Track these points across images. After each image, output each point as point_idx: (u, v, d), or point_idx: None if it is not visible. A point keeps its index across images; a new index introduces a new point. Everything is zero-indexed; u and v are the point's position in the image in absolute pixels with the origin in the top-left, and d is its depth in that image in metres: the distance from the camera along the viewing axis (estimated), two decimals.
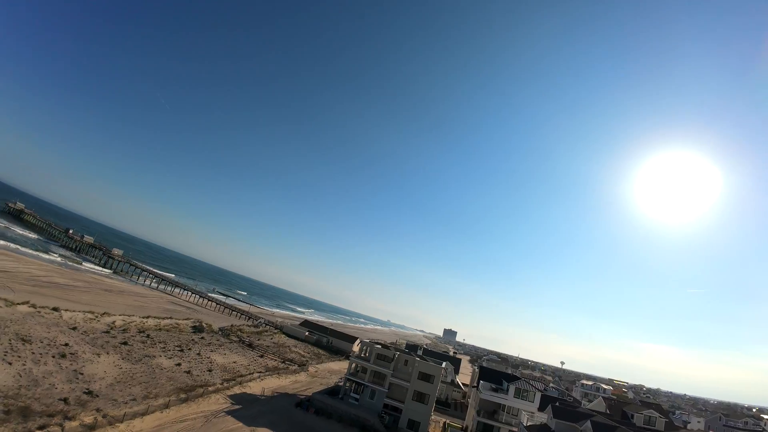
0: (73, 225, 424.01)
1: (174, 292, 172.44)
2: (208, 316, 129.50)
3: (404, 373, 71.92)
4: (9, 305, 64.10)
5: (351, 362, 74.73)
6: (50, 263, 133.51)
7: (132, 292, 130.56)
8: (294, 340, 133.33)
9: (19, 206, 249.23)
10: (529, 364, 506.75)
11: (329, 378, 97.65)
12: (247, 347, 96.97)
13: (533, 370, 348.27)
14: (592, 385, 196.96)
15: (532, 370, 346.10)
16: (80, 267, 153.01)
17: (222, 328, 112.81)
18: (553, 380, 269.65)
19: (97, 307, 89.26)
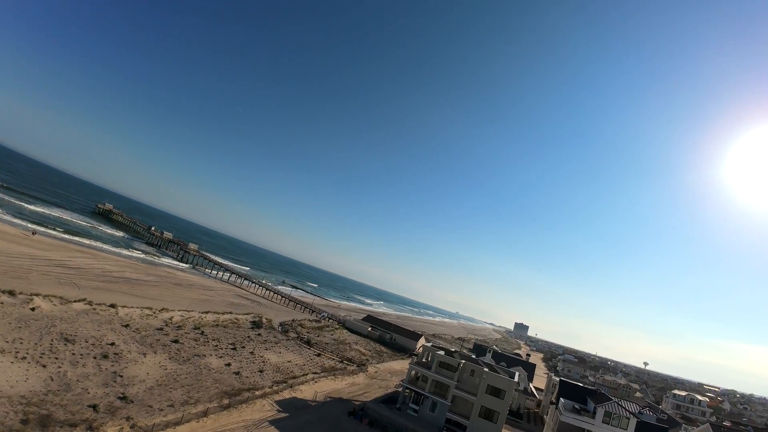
0: (162, 222, 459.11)
1: (243, 284, 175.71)
2: (271, 310, 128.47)
3: (470, 385, 62.69)
4: (64, 303, 63.93)
5: (410, 369, 66.76)
6: (128, 259, 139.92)
7: (201, 286, 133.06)
8: (356, 336, 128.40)
9: (108, 207, 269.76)
10: (609, 365, 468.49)
11: (389, 380, 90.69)
12: (305, 345, 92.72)
13: (615, 373, 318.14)
14: (686, 396, 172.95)
15: (614, 373, 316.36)
16: (157, 262, 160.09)
17: (282, 323, 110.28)
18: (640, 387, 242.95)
19: (159, 302, 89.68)
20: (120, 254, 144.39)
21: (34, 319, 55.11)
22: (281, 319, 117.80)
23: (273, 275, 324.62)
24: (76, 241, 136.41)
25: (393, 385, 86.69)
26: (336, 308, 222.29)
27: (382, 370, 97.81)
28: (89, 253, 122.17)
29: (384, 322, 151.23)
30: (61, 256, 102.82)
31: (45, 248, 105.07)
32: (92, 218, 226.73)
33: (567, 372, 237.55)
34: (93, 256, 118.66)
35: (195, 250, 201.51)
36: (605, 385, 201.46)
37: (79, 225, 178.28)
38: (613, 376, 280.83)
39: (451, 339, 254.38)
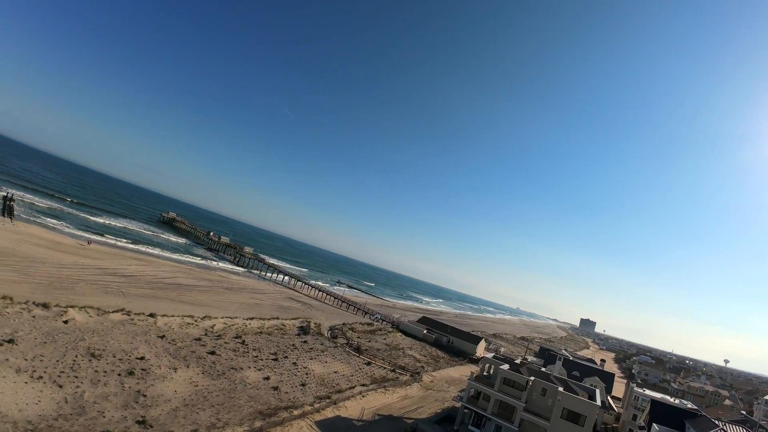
0: (224, 227, 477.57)
1: (296, 286, 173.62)
2: (322, 313, 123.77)
3: (542, 406, 52.69)
4: (101, 314, 61.46)
5: (469, 387, 57.71)
6: (184, 264, 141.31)
7: (252, 289, 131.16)
8: (410, 340, 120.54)
9: (171, 215, 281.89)
10: (688, 365, 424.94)
11: (446, 391, 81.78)
12: (354, 352, 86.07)
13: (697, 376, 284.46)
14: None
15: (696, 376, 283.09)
16: (213, 266, 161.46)
17: (332, 328, 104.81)
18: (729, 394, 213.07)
19: (205, 309, 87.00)
20: (177, 260, 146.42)
21: (63, 333, 52.37)
22: (331, 322, 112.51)
23: (329, 275, 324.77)
24: (134, 249, 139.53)
25: (450, 397, 77.80)
26: (391, 308, 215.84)
27: (439, 379, 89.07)
28: (145, 260, 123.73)
29: (440, 324, 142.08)
30: (115, 265, 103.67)
31: (100, 257, 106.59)
32: (157, 227, 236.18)
33: (644, 376, 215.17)
34: (148, 263, 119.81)
35: (250, 253, 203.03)
36: (691, 393, 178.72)
37: (141, 234, 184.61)
38: (696, 379, 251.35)
39: (513, 339, 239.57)
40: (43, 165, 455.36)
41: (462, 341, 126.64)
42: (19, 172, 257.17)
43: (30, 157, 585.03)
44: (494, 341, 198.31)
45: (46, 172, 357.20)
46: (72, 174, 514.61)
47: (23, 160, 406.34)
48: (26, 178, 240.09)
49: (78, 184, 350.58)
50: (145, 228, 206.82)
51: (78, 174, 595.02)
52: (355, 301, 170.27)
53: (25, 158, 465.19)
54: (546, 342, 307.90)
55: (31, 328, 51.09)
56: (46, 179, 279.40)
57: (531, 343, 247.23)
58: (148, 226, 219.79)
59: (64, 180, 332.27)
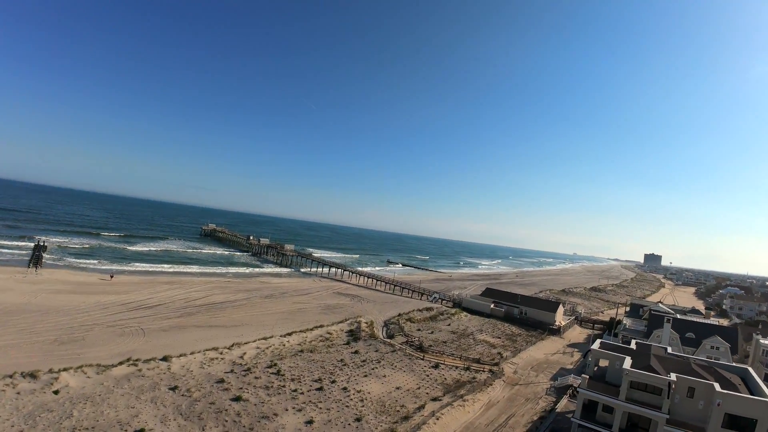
0: (269, 227, 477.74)
1: (344, 276, 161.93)
2: (374, 305, 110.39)
3: (691, 414, 36.01)
4: (101, 371, 49.99)
5: (581, 397, 41.52)
6: (221, 277, 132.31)
7: (295, 291, 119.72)
8: (477, 319, 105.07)
9: (211, 227, 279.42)
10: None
11: (535, 382, 65.73)
12: (416, 352, 71.48)
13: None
14: None
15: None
16: (254, 273, 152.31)
17: (387, 323, 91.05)
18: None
19: (237, 330, 75.46)
20: (214, 274, 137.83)
21: (48, 411, 40.86)
22: (385, 315, 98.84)
23: (379, 256, 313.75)
24: (168, 272, 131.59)
25: (543, 390, 61.97)
26: (448, 281, 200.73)
27: (522, 366, 73.00)
28: (178, 282, 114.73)
29: (508, 294, 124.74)
30: (141, 296, 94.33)
31: (126, 290, 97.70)
32: (198, 241, 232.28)
33: (738, 311, 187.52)
34: (181, 285, 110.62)
35: (292, 251, 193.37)
36: None
37: (180, 253, 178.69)
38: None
39: (585, 293, 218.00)
40: (89, 205, 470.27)
41: (537, 311, 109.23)
42: (61, 217, 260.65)
43: (78, 200, 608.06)
44: (567, 299, 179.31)
45: (90, 211, 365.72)
46: (116, 207, 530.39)
47: (68, 205, 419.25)
48: (68, 221, 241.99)
49: (121, 216, 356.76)
50: (186, 246, 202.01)
51: (122, 206, 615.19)
52: (408, 282, 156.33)
53: (71, 203, 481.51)
54: (619, 288, 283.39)
55: (10, 412, 39.94)
56: (88, 219, 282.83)
57: (605, 294, 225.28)
58: (190, 243, 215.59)
59: (107, 215, 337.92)
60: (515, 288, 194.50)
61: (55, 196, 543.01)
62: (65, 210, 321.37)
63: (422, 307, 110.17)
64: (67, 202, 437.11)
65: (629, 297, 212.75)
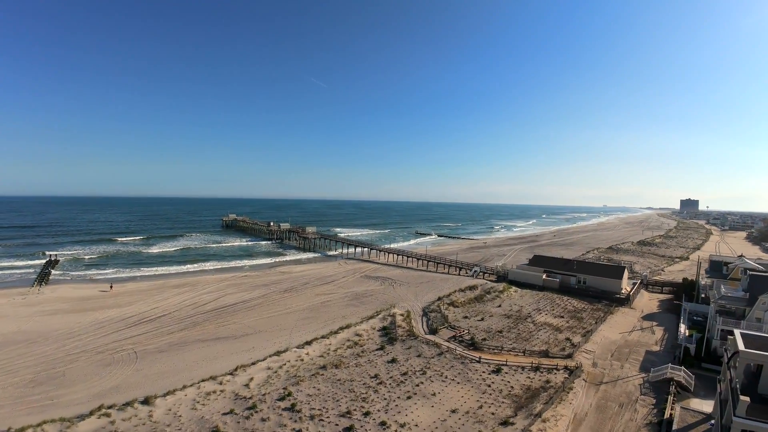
0: (295, 211, 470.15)
1: (371, 255, 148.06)
2: (408, 288, 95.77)
3: None
4: (68, 427, 37.37)
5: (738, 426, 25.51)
6: (238, 272, 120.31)
7: (318, 279, 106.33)
8: (530, 294, 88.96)
9: (231, 216, 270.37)
10: None
11: (625, 378, 49.12)
12: (469, 351, 56.21)
13: None
14: None
15: None
16: (273, 262, 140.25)
17: (426, 311, 76.21)
18: None
19: (248, 341, 62.49)
20: (230, 269, 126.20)
21: None
22: (423, 301, 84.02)
23: (406, 228, 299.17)
24: (180, 273, 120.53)
25: (636, 389, 46.09)
26: (484, 248, 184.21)
27: (600, 355, 56.66)
28: (189, 283, 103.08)
29: (561, 261, 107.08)
30: (144, 307, 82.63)
31: (128, 302, 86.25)
32: (220, 234, 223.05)
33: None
34: (192, 287, 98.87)
35: (314, 233, 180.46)
36: None
37: (198, 249, 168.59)
38: None
39: (633, 248, 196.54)
40: (115, 210, 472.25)
41: (598, 278, 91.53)
42: (83, 227, 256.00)
43: (105, 207, 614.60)
44: (619, 258, 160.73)
45: (115, 216, 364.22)
46: (141, 209, 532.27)
47: (94, 213, 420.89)
48: (89, 230, 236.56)
49: (145, 217, 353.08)
50: (206, 240, 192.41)
51: (147, 207, 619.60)
52: (441, 255, 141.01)
53: (97, 211, 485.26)
54: (667, 239, 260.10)
55: None
56: (110, 225, 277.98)
57: (655, 247, 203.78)
58: (211, 237, 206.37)
59: (130, 218, 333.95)
60: (558, 250, 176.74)
61: (82, 206, 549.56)
62: (89, 218, 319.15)
63: (464, 285, 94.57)
64: (94, 210, 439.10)
65: (683, 249, 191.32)
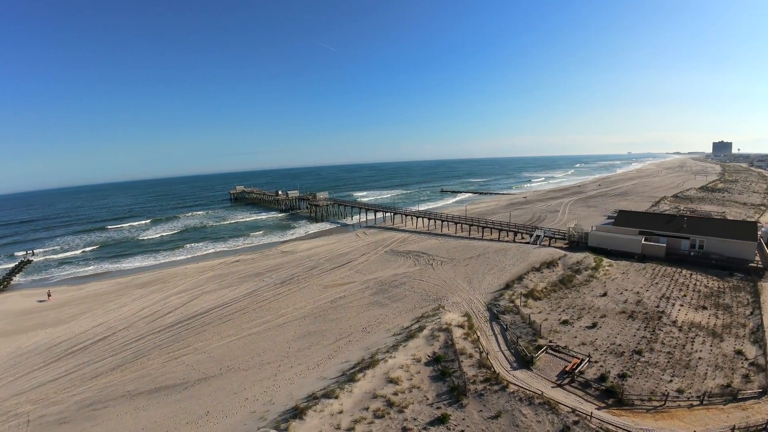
0: (311, 179, 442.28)
1: (394, 222, 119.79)
2: (453, 268, 66.86)
3: None
4: None
5: None
6: (231, 255, 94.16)
7: (330, 261, 78.73)
8: (631, 267, 59.11)
9: (239, 189, 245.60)
10: None
11: None
12: (614, 412, 27.62)
13: None
14: None
15: None
16: (276, 239, 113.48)
17: (494, 311, 47.56)
18: None
19: (209, 391, 35.65)
20: (222, 253, 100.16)
21: None
22: (483, 290, 55.28)
23: (429, 186, 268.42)
24: (158, 264, 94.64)
25: None
26: (527, 203, 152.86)
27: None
28: (161, 279, 77.10)
29: (663, 218, 74.71)
30: (86, 324, 56.99)
31: (69, 315, 60.80)
32: (227, 209, 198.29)
33: None
34: (163, 284, 73.00)
35: (325, 200, 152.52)
36: None
37: (198, 230, 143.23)
38: None
39: (699, 194, 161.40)
40: (129, 194, 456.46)
41: (720, 240, 59.82)
42: (81, 215, 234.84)
43: (121, 191, 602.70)
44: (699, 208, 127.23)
45: (123, 200, 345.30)
46: (153, 190, 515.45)
47: (105, 198, 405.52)
48: (84, 219, 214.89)
49: (154, 198, 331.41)
50: (209, 218, 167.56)
51: (160, 186, 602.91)
52: (483, 216, 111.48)
53: (112, 196, 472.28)
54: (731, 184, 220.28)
55: None
56: (111, 211, 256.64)
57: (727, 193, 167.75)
58: (216, 213, 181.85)
59: (136, 201, 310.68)
60: (615, 201, 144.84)
61: (94, 194, 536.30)
62: (93, 205, 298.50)
63: (534, 260, 64.84)
64: (101, 197, 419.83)
65: (758, 195, 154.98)
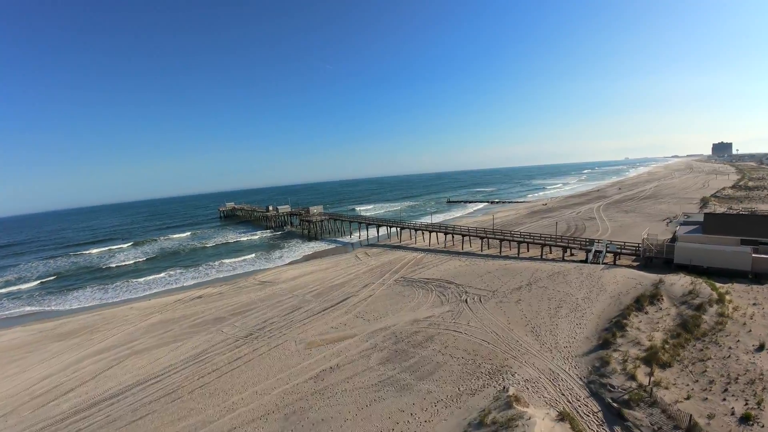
0: (308, 194, 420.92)
1: (402, 239, 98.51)
2: (502, 308, 44.66)
3: None
4: None
5: None
6: (194, 289, 72.43)
7: (320, 296, 57.14)
8: (747, 292, 38.04)
9: (229, 206, 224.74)
10: None
11: None
12: None
13: None
14: None
15: None
16: (256, 264, 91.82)
17: (604, 394, 25.98)
18: None
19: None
20: (192, 285, 78.40)
21: None
22: (566, 349, 33.58)
23: (434, 196, 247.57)
24: (89, 308, 72.55)
25: None
26: (551, 211, 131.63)
27: None
28: (91, 325, 55.47)
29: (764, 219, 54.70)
30: None
31: None
32: (214, 228, 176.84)
33: None
34: (90, 333, 51.40)
35: (320, 214, 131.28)
36: None
37: (173, 255, 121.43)
38: None
39: (737, 194, 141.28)
40: (117, 215, 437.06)
41: None
42: (70, 235, 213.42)
43: (107, 213, 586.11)
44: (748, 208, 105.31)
45: (108, 221, 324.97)
46: (146, 210, 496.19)
47: (84, 222, 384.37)
48: (56, 243, 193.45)
49: (143, 218, 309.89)
50: (189, 239, 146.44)
51: (153, 206, 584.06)
52: (512, 228, 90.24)
53: (91, 219, 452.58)
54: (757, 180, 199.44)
55: None
56: (91, 233, 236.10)
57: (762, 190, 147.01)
58: (198, 234, 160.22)
59: (121, 222, 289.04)
60: (648, 205, 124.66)
61: (91, 215, 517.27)
62: (82, 226, 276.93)
63: (619, 292, 43.34)
64: (99, 216, 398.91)
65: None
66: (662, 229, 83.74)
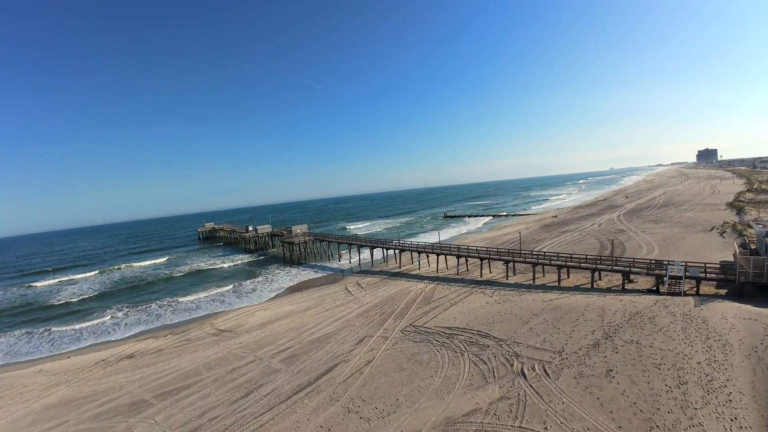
0: (296, 213, 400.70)
1: (402, 265, 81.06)
2: (582, 388, 27.21)
3: None
4: None
5: None
6: (148, 333, 53.99)
7: (300, 353, 39.55)
8: None
9: (208, 226, 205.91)
10: None
11: None
12: None
13: None
14: None
15: None
16: (224, 307, 73.44)
17: None
18: None
19: None
20: (132, 335, 59.64)
21: None
22: None
23: (430, 211, 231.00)
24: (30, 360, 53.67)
25: None
26: (563, 224, 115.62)
27: None
28: (8, 392, 36.70)
29: None
30: None
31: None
32: (189, 251, 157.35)
33: None
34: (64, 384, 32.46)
35: (303, 235, 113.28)
36: None
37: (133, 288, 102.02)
38: None
39: (758, 198, 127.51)
40: (94, 238, 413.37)
41: None
42: (36, 261, 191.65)
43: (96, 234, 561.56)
44: None
45: (80, 244, 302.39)
46: (126, 231, 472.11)
47: (62, 243, 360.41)
48: (31, 267, 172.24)
49: (119, 240, 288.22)
50: (166, 264, 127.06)
51: (135, 227, 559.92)
52: (531, 246, 73.62)
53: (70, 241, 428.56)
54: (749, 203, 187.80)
55: None
56: (62, 258, 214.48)
57: None
58: (178, 255, 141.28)
59: (93, 246, 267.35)
60: (672, 213, 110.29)
61: (67, 237, 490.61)
62: (52, 250, 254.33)
63: (749, 343, 27.03)
64: (74, 240, 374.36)
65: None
66: (720, 242, 68.04)
